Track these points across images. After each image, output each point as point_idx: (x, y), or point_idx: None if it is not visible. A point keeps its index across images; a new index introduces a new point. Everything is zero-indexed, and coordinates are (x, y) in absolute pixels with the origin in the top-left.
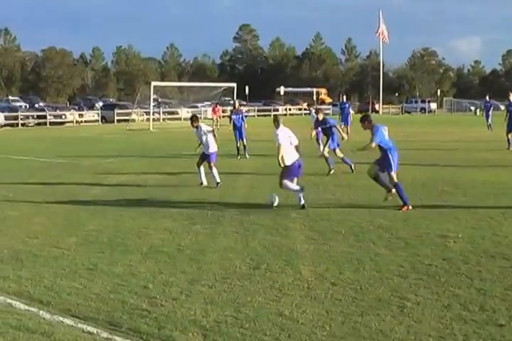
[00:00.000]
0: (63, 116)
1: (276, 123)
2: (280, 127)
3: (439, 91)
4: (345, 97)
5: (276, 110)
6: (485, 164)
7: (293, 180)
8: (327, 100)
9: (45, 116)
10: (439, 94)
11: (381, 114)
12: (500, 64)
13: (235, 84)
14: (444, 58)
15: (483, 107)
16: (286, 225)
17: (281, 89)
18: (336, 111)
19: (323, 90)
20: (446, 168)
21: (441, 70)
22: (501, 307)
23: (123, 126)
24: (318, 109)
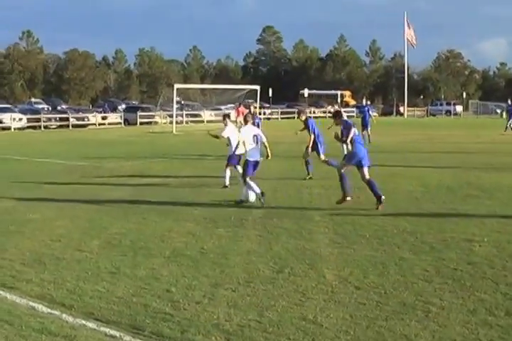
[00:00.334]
0: (86, 119)
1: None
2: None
3: (465, 93)
4: (364, 101)
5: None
6: (511, 167)
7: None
8: (351, 102)
9: (67, 119)
10: (465, 97)
11: (406, 116)
12: None
13: (258, 87)
14: (469, 60)
15: (507, 111)
16: (310, 229)
17: (305, 92)
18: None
19: (348, 92)
20: (471, 171)
21: (467, 72)
22: None
23: (145, 128)
24: (301, 111)
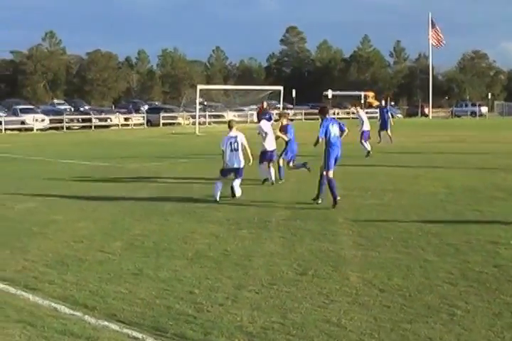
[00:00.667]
0: (108, 120)
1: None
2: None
3: (490, 94)
4: (383, 102)
5: None
6: None
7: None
8: (374, 103)
9: (90, 120)
10: (490, 98)
11: (431, 117)
12: None
13: (281, 88)
14: (494, 61)
15: None
16: (334, 230)
17: (329, 93)
18: None
19: (371, 93)
20: (496, 172)
21: (492, 73)
22: None
23: (168, 129)
24: (284, 113)
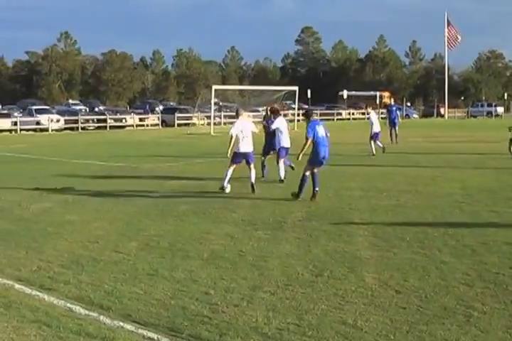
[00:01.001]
0: (123, 120)
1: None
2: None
3: (506, 94)
4: (392, 100)
5: (340, 114)
6: None
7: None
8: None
9: (105, 120)
10: (506, 98)
11: (446, 118)
12: None
13: (296, 88)
14: (511, 61)
15: None
16: (350, 231)
17: (344, 93)
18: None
19: (387, 94)
20: None
21: (508, 73)
22: None
23: (183, 129)
24: (274, 109)
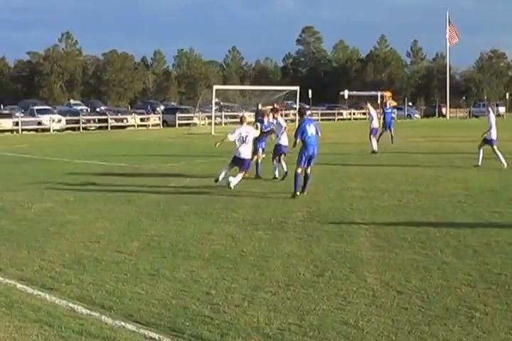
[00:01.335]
0: (125, 120)
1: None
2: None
3: (508, 94)
4: (389, 103)
5: (341, 114)
6: None
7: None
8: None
9: (106, 120)
10: (508, 98)
11: (448, 118)
12: None
13: (297, 88)
14: None
15: None
16: (351, 231)
17: (346, 93)
18: (401, 115)
19: (388, 93)
20: None
21: (511, 73)
22: None
23: (184, 129)
24: (264, 111)
